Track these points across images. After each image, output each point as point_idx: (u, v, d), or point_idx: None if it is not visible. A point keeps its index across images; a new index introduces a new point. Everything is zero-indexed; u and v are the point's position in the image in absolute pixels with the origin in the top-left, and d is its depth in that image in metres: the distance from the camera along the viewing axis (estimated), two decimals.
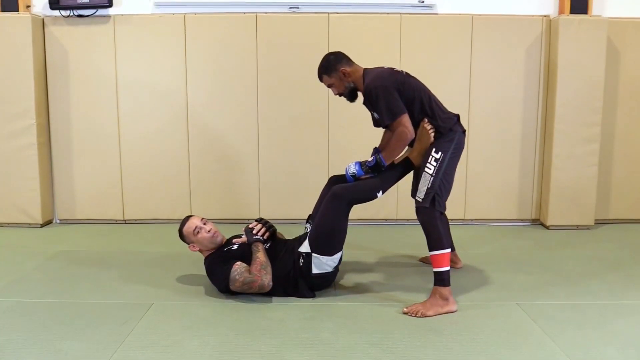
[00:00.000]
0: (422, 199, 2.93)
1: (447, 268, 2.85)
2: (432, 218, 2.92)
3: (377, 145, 3.34)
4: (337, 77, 3.07)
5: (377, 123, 3.17)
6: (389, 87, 2.91)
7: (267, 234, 3.13)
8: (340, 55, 3.10)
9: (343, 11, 4.56)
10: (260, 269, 2.84)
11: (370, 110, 3.16)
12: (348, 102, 3.21)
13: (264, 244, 3.04)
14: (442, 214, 3.02)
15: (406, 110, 2.92)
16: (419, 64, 4.38)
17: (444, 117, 3.03)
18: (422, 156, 3.03)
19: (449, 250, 2.89)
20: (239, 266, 2.90)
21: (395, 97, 2.90)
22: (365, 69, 3.09)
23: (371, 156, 3.30)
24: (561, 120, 4.45)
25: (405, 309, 2.78)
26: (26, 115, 4.46)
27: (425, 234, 2.95)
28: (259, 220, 3.21)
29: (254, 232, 3.10)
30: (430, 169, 2.94)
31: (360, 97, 3.16)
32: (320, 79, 3.15)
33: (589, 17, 4.40)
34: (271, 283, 2.86)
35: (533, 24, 4.54)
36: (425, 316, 2.73)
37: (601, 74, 4.41)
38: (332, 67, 3.06)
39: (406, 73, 3.06)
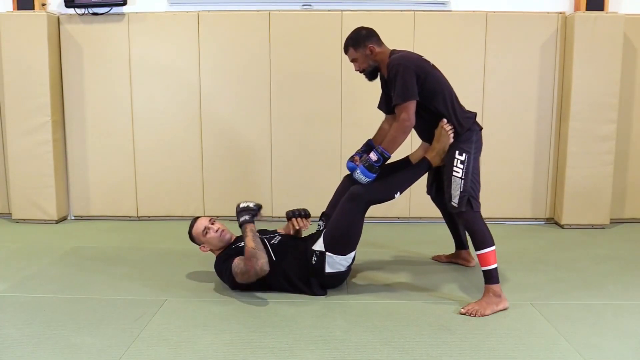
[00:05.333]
0: (458, 204, 2.91)
1: (495, 265, 2.81)
2: (474, 219, 2.90)
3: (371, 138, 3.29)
4: (363, 52, 3.01)
5: (384, 104, 3.15)
6: (411, 69, 2.86)
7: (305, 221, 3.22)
8: (373, 32, 3.05)
9: (356, 8, 4.54)
10: (250, 257, 2.80)
11: (384, 89, 3.13)
12: (360, 96, 3.20)
13: (252, 223, 2.97)
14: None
15: (417, 98, 2.87)
16: (433, 61, 4.33)
17: (464, 117, 3.00)
18: (441, 157, 3.01)
19: (494, 247, 2.84)
20: (236, 260, 2.90)
21: (412, 81, 2.85)
22: (393, 50, 3.04)
23: (362, 148, 3.24)
24: (576, 118, 4.41)
25: (462, 310, 2.74)
26: (42, 112, 4.50)
27: (469, 235, 2.94)
28: (295, 214, 3.24)
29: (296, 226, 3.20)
30: (458, 173, 2.91)
31: (377, 80, 3.14)
32: (346, 51, 3.08)
33: (605, 13, 4.35)
34: (266, 266, 2.80)
35: (548, 20, 4.49)
36: (484, 315, 2.70)
37: (617, 71, 4.35)
38: (362, 41, 3.00)
39: (433, 65, 3.03)
